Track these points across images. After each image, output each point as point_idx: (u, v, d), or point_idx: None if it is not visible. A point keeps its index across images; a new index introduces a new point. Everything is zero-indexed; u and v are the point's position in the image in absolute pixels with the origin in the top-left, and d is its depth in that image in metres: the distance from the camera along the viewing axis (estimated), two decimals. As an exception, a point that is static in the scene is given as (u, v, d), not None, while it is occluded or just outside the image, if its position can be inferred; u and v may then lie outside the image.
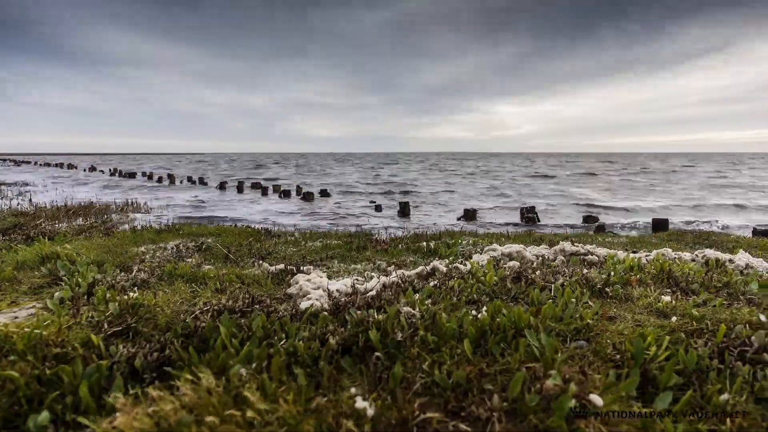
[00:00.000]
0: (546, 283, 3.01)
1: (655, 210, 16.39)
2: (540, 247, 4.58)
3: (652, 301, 2.51)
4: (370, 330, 2.06)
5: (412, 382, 1.56)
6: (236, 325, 2.35)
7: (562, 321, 2.17)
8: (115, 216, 9.82)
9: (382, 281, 3.37)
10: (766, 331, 2.19)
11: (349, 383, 1.58)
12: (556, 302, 2.40)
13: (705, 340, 2.09)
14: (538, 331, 2.03)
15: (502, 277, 3.16)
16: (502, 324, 1.99)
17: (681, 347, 1.94)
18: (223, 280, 3.43)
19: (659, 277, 3.17)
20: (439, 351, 1.82)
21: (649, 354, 1.80)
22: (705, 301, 2.56)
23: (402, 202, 12.22)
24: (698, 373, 1.86)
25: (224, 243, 5.68)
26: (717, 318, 2.30)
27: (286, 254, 5.11)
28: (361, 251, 5.31)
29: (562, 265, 4.06)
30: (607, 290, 2.77)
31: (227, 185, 22.18)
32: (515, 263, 3.69)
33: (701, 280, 3.05)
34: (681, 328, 2.21)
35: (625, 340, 1.92)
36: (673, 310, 2.38)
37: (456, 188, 25.49)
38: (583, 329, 2.09)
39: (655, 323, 2.24)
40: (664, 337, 1.92)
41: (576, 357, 1.82)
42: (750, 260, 4.04)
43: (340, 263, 4.67)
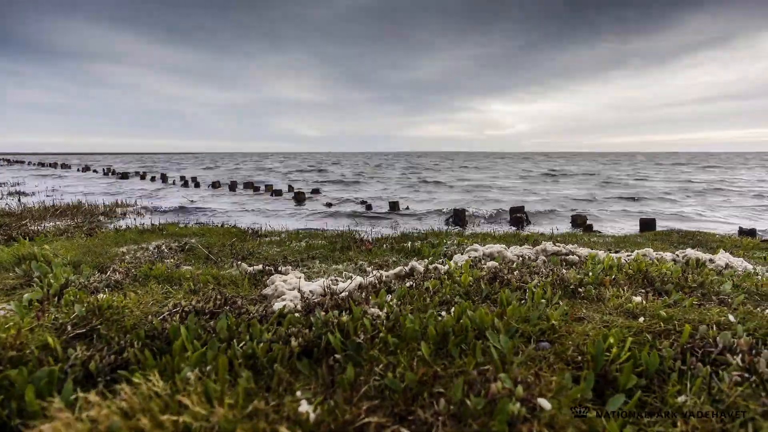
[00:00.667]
0: (521, 284, 2.99)
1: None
2: (523, 248, 4.56)
3: (622, 302, 2.50)
4: (332, 332, 2.03)
5: (364, 386, 1.53)
6: (201, 327, 2.32)
7: (529, 322, 2.15)
8: (102, 216, 9.76)
9: (357, 282, 3.35)
10: (732, 331, 2.19)
11: (300, 386, 1.55)
12: (523, 303, 2.38)
13: (671, 341, 2.08)
14: (501, 333, 2.01)
15: (477, 277, 3.14)
16: (465, 325, 1.97)
17: (645, 348, 1.92)
18: (197, 281, 3.39)
19: (635, 278, 3.16)
20: (399, 353, 1.80)
21: (609, 356, 1.78)
22: (676, 302, 2.55)
23: (392, 202, 12.18)
24: (660, 374, 1.85)
25: (207, 243, 5.64)
26: (686, 318, 2.29)
27: (268, 255, 5.08)
28: (344, 252, 5.29)
29: (544, 265, 4.05)
30: (580, 291, 2.76)
31: (219, 185, 22.09)
32: (494, 264, 3.68)
33: (676, 281, 3.04)
34: (648, 328, 2.20)
35: (589, 341, 1.90)
36: (642, 311, 2.37)
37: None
38: (548, 330, 2.08)
39: (622, 324, 2.23)
40: (627, 338, 1.90)
41: (536, 359, 1.80)
42: (730, 260, 4.04)
43: (321, 263, 4.64)
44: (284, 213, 14.45)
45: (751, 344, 2.01)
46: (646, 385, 1.79)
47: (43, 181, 29.02)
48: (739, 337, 2.08)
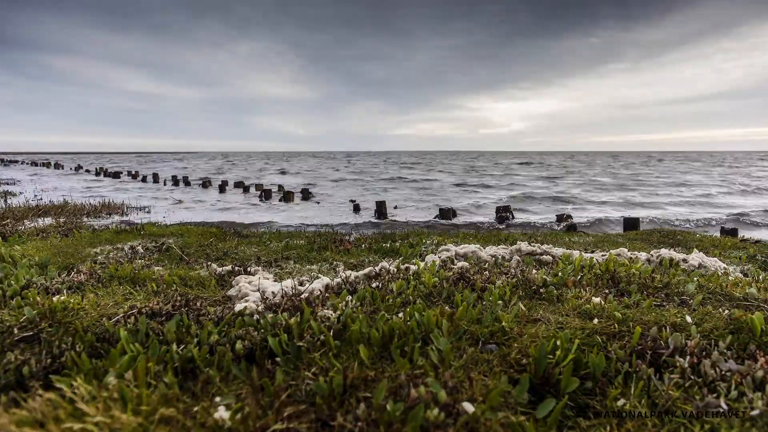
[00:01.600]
0: (485, 284, 2.96)
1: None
2: (498, 247, 4.54)
3: (581, 303, 2.47)
4: (277, 335, 2.00)
5: (297, 390, 1.50)
6: (151, 329, 2.28)
7: (481, 323, 2.12)
8: (86, 216, 9.68)
9: (324, 282, 3.31)
10: (686, 333, 2.16)
11: (230, 391, 1.51)
12: (481, 304, 2.35)
13: (623, 343, 2.06)
14: (445, 335, 1.98)
15: (443, 278, 3.10)
16: (411, 327, 1.94)
17: (593, 350, 1.90)
18: (161, 282, 3.35)
19: (602, 278, 3.14)
20: (340, 356, 1.77)
21: (553, 359, 1.75)
22: (636, 303, 2.53)
23: (378, 202, 12.15)
24: (607, 377, 1.82)
25: (185, 243, 5.59)
26: (641, 320, 2.26)
27: (244, 255, 5.03)
28: (321, 251, 5.25)
29: (517, 265, 4.03)
30: (541, 292, 2.73)
31: (210, 185, 22.00)
32: (464, 264, 3.65)
33: (643, 281, 3.02)
34: (603, 330, 2.17)
35: (535, 344, 1.87)
36: (599, 312, 2.34)
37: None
38: (498, 333, 2.04)
39: (577, 325, 2.20)
40: (574, 340, 1.88)
41: (480, 362, 1.77)
42: (704, 260, 4.02)
43: (296, 264, 4.60)
44: (270, 212, 14.42)
45: (701, 346, 1.99)
46: (592, 388, 1.76)
47: (36, 181, 28.84)
48: (692, 338, 2.06)
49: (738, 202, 20.19)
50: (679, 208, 17.58)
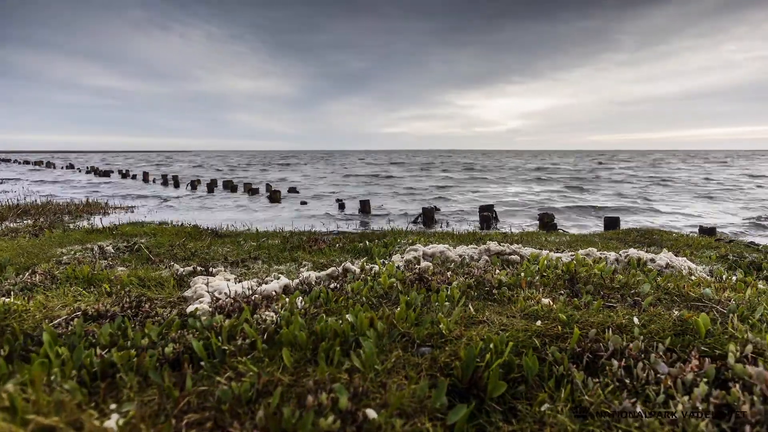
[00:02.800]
0: (442, 285, 2.92)
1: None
2: (468, 247, 4.50)
3: (531, 304, 2.43)
4: (208, 338, 1.95)
5: (209, 396, 1.45)
6: (86, 332, 2.23)
7: (420, 326, 2.08)
8: (67, 216, 9.57)
9: (283, 283, 3.26)
10: (629, 335, 2.13)
11: (139, 397, 1.47)
12: (424, 305, 2.31)
13: (564, 345, 2.02)
14: (384, 337, 1.94)
15: (402, 279, 3.06)
16: (344, 330, 1.90)
17: (529, 353, 1.86)
18: (116, 283, 3.29)
19: (562, 278, 3.11)
20: (264, 360, 1.72)
21: (482, 362, 1.71)
22: (587, 304, 2.50)
23: (362, 201, 12.06)
24: (541, 380, 1.79)
25: (158, 243, 5.53)
26: (587, 321, 2.23)
27: (214, 254, 4.97)
28: (294, 251, 5.20)
29: (485, 265, 4.00)
30: (494, 293, 2.69)
31: (199, 184, 21.86)
32: (428, 264, 3.61)
33: (601, 282, 2.99)
34: (547, 332, 2.14)
35: (468, 346, 1.83)
36: (547, 314, 2.31)
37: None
38: (435, 335, 2.01)
39: (521, 327, 2.16)
40: (509, 342, 1.84)
41: (408, 365, 1.73)
42: (672, 260, 4.00)
43: (263, 264, 4.55)
44: (255, 210, 14.34)
45: (641, 348, 1.95)
46: (525, 392, 1.72)
47: (24, 180, 28.58)
48: (634, 340, 2.03)
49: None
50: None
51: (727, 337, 2.09)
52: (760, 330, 2.22)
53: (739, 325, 2.23)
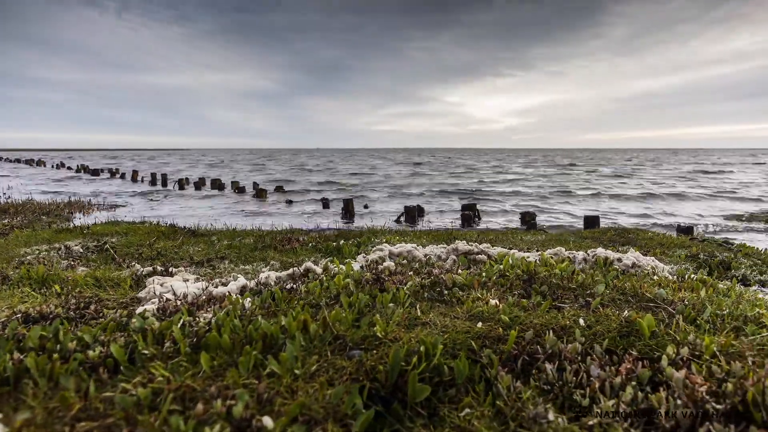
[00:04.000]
0: (398, 286, 2.88)
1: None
2: (438, 246, 4.47)
3: (478, 305, 2.40)
4: (137, 341, 1.90)
5: (111, 403, 1.40)
6: (16, 335, 2.17)
7: (359, 328, 2.04)
8: (46, 216, 9.46)
9: (241, 284, 3.21)
10: (571, 337, 2.10)
11: (43, 404, 1.41)
12: (369, 306, 2.27)
13: (501, 348, 1.99)
14: (314, 340, 1.89)
15: (358, 279, 3.02)
16: (273, 333, 1.85)
17: (461, 356, 1.82)
18: (68, 284, 3.22)
19: (521, 278, 3.08)
20: (183, 365, 1.67)
21: (408, 366, 1.67)
22: (537, 304, 2.46)
23: (346, 200, 12.01)
24: (471, 383, 1.75)
25: (128, 242, 5.46)
26: (532, 323, 2.19)
27: (184, 254, 4.91)
28: (265, 251, 5.15)
29: (453, 264, 3.96)
30: (445, 293, 2.66)
31: (187, 184, 21.72)
32: (390, 264, 3.57)
33: (558, 282, 2.96)
34: (488, 333, 2.10)
35: (395, 349, 1.79)
36: (492, 315, 2.27)
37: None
38: (371, 337, 1.96)
39: (463, 329, 2.12)
40: (438, 345, 1.80)
41: (334, 369, 1.69)
42: (639, 259, 3.99)
43: (230, 264, 4.49)
44: (239, 209, 14.25)
45: (579, 350, 1.92)
46: (454, 396, 1.69)
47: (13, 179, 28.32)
48: (574, 342, 2.00)
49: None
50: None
51: (669, 339, 2.06)
52: (706, 331, 2.20)
53: (685, 326, 2.21)
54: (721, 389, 1.62)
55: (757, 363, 1.86)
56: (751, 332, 2.17)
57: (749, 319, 2.31)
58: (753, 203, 19.16)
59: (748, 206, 17.80)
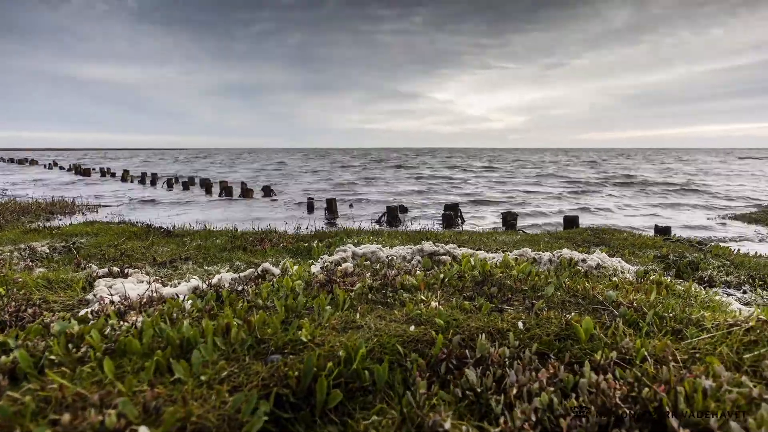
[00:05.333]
0: (348, 287, 2.84)
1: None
2: (405, 247, 4.42)
3: (418, 308, 2.35)
4: (55, 345, 1.84)
5: None
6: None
7: (288, 332, 1.99)
8: (24, 216, 9.36)
9: (193, 285, 3.15)
10: (509, 341, 2.06)
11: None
12: (294, 310, 2.22)
13: (430, 351, 1.94)
14: (233, 344, 1.84)
15: (309, 281, 2.97)
16: (191, 337, 1.80)
17: (385, 360, 1.78)
18: (14, 286, 3.16)
19: (476, 280, 3.04)
20: (84, 372, 1.62)
21: (323, 372, 1.62)
22: (479, 307, 2.42)
23: (329, 200, 11.94)
24: (392, 389, 1.71)
25: (96, 243, 5.39)
26: (468, 326, 2.15)
27: (151, 254, 4.85)
28: (234, 251, 5.09)
29: (418, 265, 3.92)
30: (389, 295, 2.61)
31: (175, 183, 21.60)
32: (348, 265, 3.52)
33: (512, 284, 2.92)
34: (422, 337, 2.06)
35: (309, 354, 1.75)
36: (432, 318, 2.23)
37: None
38: (296, 341, 1.92)
39: (396, 332, 2.08)
40: (360, 349, 1.75)
41: (243, 374, 1.64)
42: (603, 260, 3.95)
43: (193, 265, 4.44)
44: (223, 208, 14.16)
45: (507, 355, 1.88)
46: (372, 401, 1.64)
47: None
48: (504, 347, 1.96)
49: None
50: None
51: (605, 343, 2.02)
52: (645, 334, 2.16)
53: (624, 329, 2.17)
54: (641, 394, 1.58)
55: (687, 367, 1.83)
56: (691, 335, 2.14)
57: (691, 321, 2.28)
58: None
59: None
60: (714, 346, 2.00)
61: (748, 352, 1.95)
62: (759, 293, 3.72)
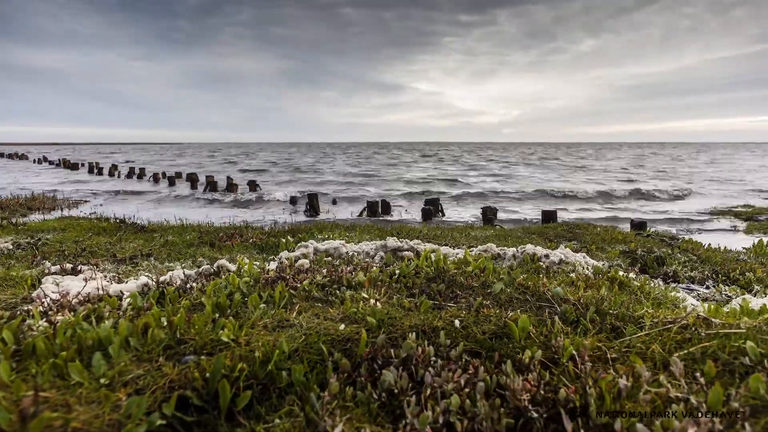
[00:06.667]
0: (295, 284, 2.79)
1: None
2: (370, 243, 4.38)
3: (355, 305, 2.30)
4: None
5: None
6: None
7: (213, 332, 1.94)
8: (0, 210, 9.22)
9: (141, 282, 3.09)
10: (440, 340, 2.02)
11: None
12: (223, 309, 2.18)
13: (356, 351, 1.90)
14: (149, 345, 1.79)
15: (257, 278, 2.92)
16: (106, 338, 1.75)
17: (305, 360, 1.74)
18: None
19: (428, 276, 3.00)
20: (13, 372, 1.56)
21: (232, 374, 1.58)
22: (418, 305, 2.38)
23: (310, 195, 11.87)
24: (306, 391, 1.66)
25: (63, 238, 5.31)
26: (402, 324, 2.11)
27: (115, 251, 4.77)
28: (201, 247, 5.02)
29: (380, 261, 3.88)
30: (330, 292, 2.57)
31: (162, 178, 21.43)
32: (304, 261, 3.47)
33: (463, 280, 2.89)
34: (353, 336, 2.01)
35: (218, 356, 1.70)
36: (363, 317, 2.18)
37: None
38: (217, 342, 1.87)
39: (327, 330, 2.03)
40: (275, 350, 1.71)
41: (149, 377, 1.59)
42: (567, 256, 3.93)
43: (155, 261, 4.37)
44: (204, 203, 14.06)
45: (431, 354, 1.84)
46: (284, 404, 1.60)
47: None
48: (435, 345, 1.92)
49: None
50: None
51: (538, 342, 1.99)
52: (580, 332, 2.14)
53: (560, 326, 2.14)
54: (557, 396, 1.55)
55: (614, 366, 1.80)
56: (629, 333, 2.11)
57: (632, 318, 2.25)
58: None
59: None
60: (647, 345, 1.98)
61: (681, 350, 1.93)
62: (720, 288, 3.71)
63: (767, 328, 2.13)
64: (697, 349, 1.89)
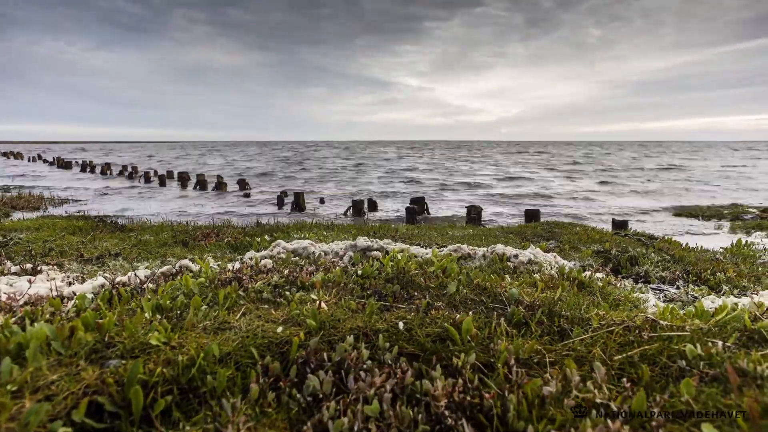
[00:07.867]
0: (250, 284, 2.75)
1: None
2: (342, 242, 4.34)
3: (301, 308, 2.27)
4: None
5: None
6: None
7: (145, 335, 1.90)
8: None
9: (98, 283, 3.05)
10: (379, 343, 1.99)
11: None
12: (163, 310, 2.13)
13: (291, 354, 1.86)
14: (73, 349, 1.75)
15: (213, 278, 2.88)
16: (23, 342, 1.71)
17: (231, 365, 1.70)
18: None
19: (386, 277, 2.96)
20: None
21: (152, 378, 1.54)
22: (365, 307, 2.34)
23: (296, 193, 11.82)
24: (227, 395, 1.63)
25: (36, 238, 5.25)
26: (343, 327, 2.08)
27: (83, 250, 4.72)
28: (173, 247, 4.98)
29: (348, 261, 3.84)
30: (279, 293, 2.53)
31: (152, 177, 21.34)
32: (267, 261, 3.43)
33: (421, 281, 2.85)
34: (290, 338, 1.98)
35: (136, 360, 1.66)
36: (306, 319, 2.14)
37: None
38: (146, 345, 1.83)
39: (265, 333, 1.99)
40: (203, 354, 1.67)
41: (63, 382, 1.54)
42: (536, 256, 3.90)
43: (123, 261, 4.32)
44: (192, 202, 14.00)
45: (364, 358, 1.80)
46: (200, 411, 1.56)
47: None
48: (362, 350, 1.88)
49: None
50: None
51: (479, 346, 1.96)
52: (528, 334, 2.10)
53: (506, 328, 2.11)
54: (482, 402, 1.52)
55: (553, 370, 1.77)
56: (575, 335, 2.08)
57: (581, 320, 2.22)
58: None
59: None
60: (589, 348, 1.94)
61: (622, 353, 1.90)
62: (689, 288, 3.68)
63: (715, 331, 2.10)
64: (636, 352, 1.86)
